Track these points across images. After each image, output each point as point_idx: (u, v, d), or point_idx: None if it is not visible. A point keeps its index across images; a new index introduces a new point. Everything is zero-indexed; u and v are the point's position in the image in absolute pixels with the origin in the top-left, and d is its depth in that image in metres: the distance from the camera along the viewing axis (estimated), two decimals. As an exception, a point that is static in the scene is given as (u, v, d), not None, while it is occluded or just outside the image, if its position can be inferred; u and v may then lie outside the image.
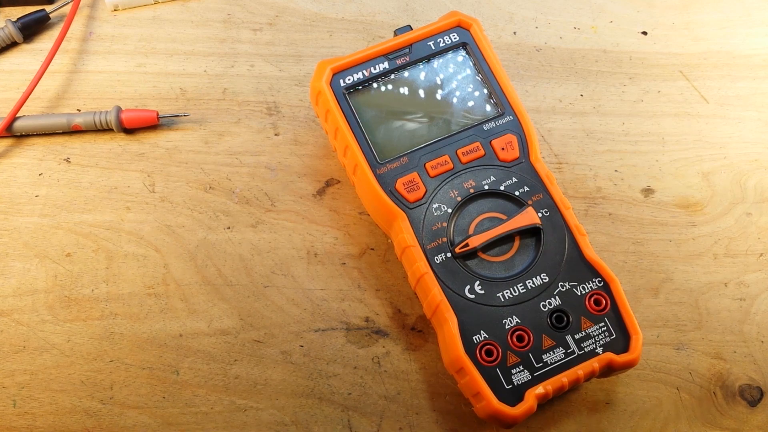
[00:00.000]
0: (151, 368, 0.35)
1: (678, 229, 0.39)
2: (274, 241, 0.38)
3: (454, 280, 0.33)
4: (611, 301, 0.33)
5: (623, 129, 0.42)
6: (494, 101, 0.37)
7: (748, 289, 0.38)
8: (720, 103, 0.43)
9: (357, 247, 0.38)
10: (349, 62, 0.37)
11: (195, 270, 0.37)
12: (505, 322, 0.32)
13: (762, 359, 0.36)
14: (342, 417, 0.34)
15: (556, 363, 0.32)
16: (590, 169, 0.41)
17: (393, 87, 0.37)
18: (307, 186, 0.40)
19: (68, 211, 0.39)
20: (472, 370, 0.31)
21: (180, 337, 0.36)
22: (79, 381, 0.35)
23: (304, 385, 0.35)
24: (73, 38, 0.44)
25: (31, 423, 0.34)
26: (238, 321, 0.36)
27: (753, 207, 0.40)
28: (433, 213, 0.34)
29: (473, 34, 0.38)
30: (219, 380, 0.35)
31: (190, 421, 0.34)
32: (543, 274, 0.33)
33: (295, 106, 0.42)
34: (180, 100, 0.42)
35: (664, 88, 0.43)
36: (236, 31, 0.44)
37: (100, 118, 0.40)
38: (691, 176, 0.41)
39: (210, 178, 0.40)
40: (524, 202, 0.35)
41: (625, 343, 0.32)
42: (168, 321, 0.36)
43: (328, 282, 0.37)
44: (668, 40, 0.45)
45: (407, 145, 0.36)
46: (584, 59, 0.44)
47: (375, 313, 0.37)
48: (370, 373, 0.35)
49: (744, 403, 0.35)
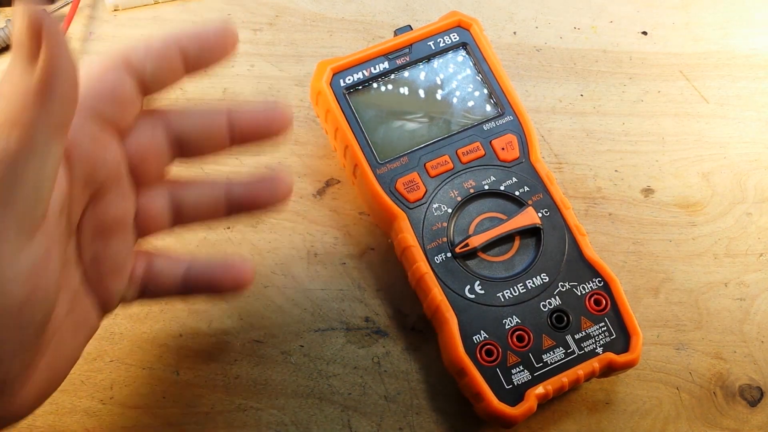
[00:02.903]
0: (151, 368, 0.35)
1: (678, 229, 0.39)
2: (274, 241, 0.38)
3: (454, 280, 0.33)
4: (611, 301, 0.33)
5: (623, 129, 0.42)
6: (494, 101, 0.37)
7: (748, 289, 0.38)
8: (720, 103, 0.43)
9: (357, 247, 0.38)
10: (349, 62, 0.37)
11: (195, 270, 0.37)
12: (505, 322, 0.32)
13: (762, 359, 0.36)
14: (342, 417, 0.34)
15: (556, 363, 0.32)
16: (590, 169, 0.41)
17: (393, 87, 0.37)
18: (307, 186, 0.40)
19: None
20: (472, 370, 0.31)
21: (180, 337, 0.36)
22: (79, 381, 0.35)
23: (304, 385, 0.35)
24: (73, 38, 0.44)
25: (31, 423, 0.34)
26: (238, 321, 0.36)
27: (753, 207, 0.40)
28: (433, 213, 0.34)
29: (473, 34, 0.38)
30: (219, 380, 0.35)
31: (190, 421, 0.34)
32: (543, 274, 0.33)
33: (295, 106, 0.42)
34: (180, 100, 0.42)
35: (664, 88, 0.43)
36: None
37: (100, 118, 0.40)
38: (691, 176, 0.41)
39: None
40: (524, 202, 0.35)
41: (625, 343, 0.32)
42: (168, 321, 0.36)
43: (328, 282, 0.37)
44: (668, 40, 0.45)
45: (407, 145, 0.36)
46: (584, 59, 0.44)
47: (375, 313, 0.37)
48: (370, 373, 0.35)
49: (744, 403, 0.35)
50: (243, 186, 0.30)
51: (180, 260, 0.30)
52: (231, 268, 0.30)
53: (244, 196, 0.30)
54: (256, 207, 0.30)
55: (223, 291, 0.30)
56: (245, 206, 0.30)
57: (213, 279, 0.30)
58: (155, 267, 0.30)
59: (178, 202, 0.29)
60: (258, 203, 0.30)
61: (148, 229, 0.29)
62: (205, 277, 0.30)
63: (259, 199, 0.30)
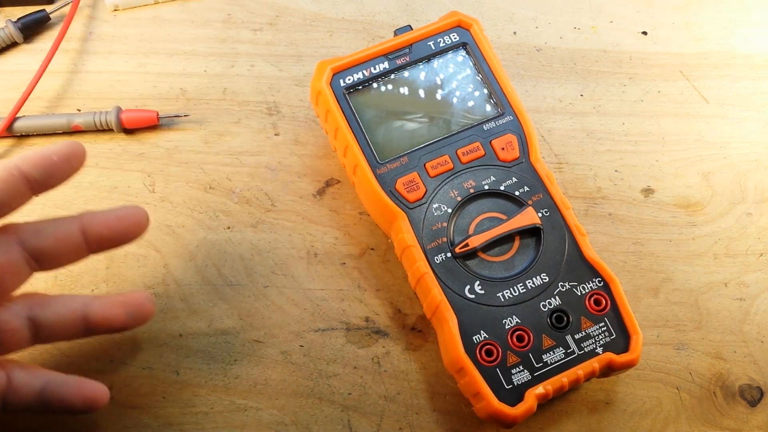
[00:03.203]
0: (151, 368, 0.35)
1: (678, 229, 0.39)
2: (274, 241, 0.38)
3: (454, 280, 0.33)
4: (611, 301, 0.33)
5: (623, 129, 0.42)
6: (494, 101, 0.37)
7: (748, 289, 0.38)
8: (720, 103, 0.43)
9: (357, 247, 0.38)
10: (349, 62, 0.37)
11: (195, 270, 0.37)
12: (505, 322, 0.32)
13: (762, 359, 0.36)
14: (342, 417, 0.34)
15: (556, 363, 0.32)
16: (590, 169, 0.41)
17: (393, 87, 0.37)
18: (307, 186, 0.40)
19: (68, 211, 0.39)
20: (472, 370, 0.31)
21: (180, 337, 0.36)
22: (79, 381, 0.35)
23: (304, 385, 0.35)
24: (73, 38, 0.44)
25: (31, 423, 0.34)
26: (238, 321, 0.36)
27: (753, 207, 0.40)
28: (433, 213, 0.34)
29: (473, 34, 0.38)
30: (219, 380, 0.35)
31: (190, 421, 0.34)
32: (543, 274, 0.33)
33: (295, 106, 0.42)
34: (180, 100, 0.42)
35: (664, 88, 0.43)
36: (236, 31, 0.44)
37: (100, 119, 0.40)
38: (691, 176, 0.41)
39: (210, 178, 0.40)
40: (524, 202, 0.35)
41: (625, 343, 0.32)
42: (168, 321, 0.36)
43: (328, 282, 0.37)
44: (668, 40, 0.45)
45: (407, 145, 0.36)
46: (584, 59, 0.44)
47: (375, 313, 0.37)
48: (370, 373, 0.35)
49: (744, 403, 0.35)
50: (100, 303, 0.30)
51: (38, 375, 0.30)
52: (84, 388, 0.30)
53: (102, 314, 0.30)
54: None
55: (75, 410, 0.30)
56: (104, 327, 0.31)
57: (66, 398, 0.30)
58: (15, 380, 0.29)
59: (37, 319, 0.29)
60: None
61: (7, 346, 0.29)
62: (58, 396, 0.30)
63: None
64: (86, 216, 0.30)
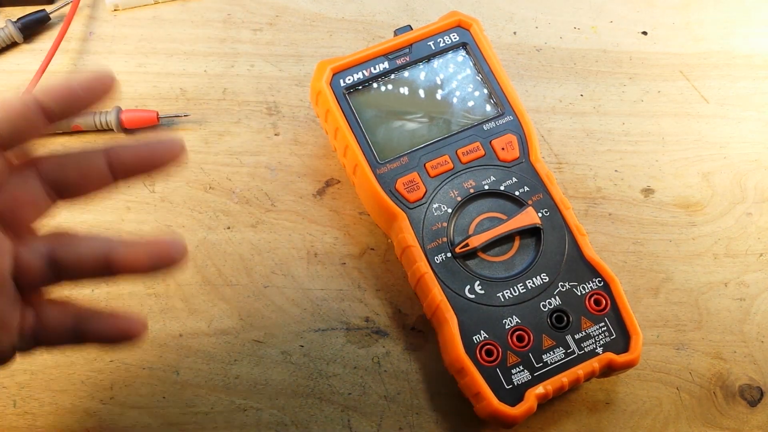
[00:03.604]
0: (151, 368, 0.35)
1: (678, 229, 0.39)
2: (274, 241, 0.38)
3: (454, 280, 0.33)
4: (611, 301, 0.33)
5: (623, 129, 0.42)
6: (494, 101, 0.37)
7: (748, 289, 0.38)
8: (720, 103, 0.43)
9: (357, 247, 0.38)
10: (349, 62, 0.37)
11: (195, 270, 0.37)
12: (505, 322, 0.32)
13: (762, 359, 0.36)
14: (342, 417, 0.34)
15: (556, 363, 0.32)
16: (590, 169, 0.41)
17: (393, 87, 0.37)
18: (307, 186, 0.40)
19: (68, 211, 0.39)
20: (472, 370, 0.31)
21: (180, 337, 0.36)
22: (79, 381, 0.35)
23: (304, 385, 0.35)
24: (73, 38, 0.44)
25: (32, 423, 0.34)
26: (238, 321, 0.36)
27: (753, 207, 0.40)
28: (433, 213, 0.34)
29: (473, 34, 0.38)
30: (219, 380, 0.35)
31: (190, 421, 0.34)
32: (543, 274, 0.33)
33: (295, 106, 0.42)
34: (180, 100, 0.42)
35: (664, 88, 0.43)
36: (236, 31, 0.44)
37: (100, 119, 0.40)
38: (691, 176, 0.41)
39: (210, 178, 0.40)
40: (524, 202, 0.35)
41: (625, 343, 0.32)
42: (168, 321, 0.36)
43: (328, 282, 0.37)
44: (668, 40, 0.45)
45: (407, 145, 0.36)
46: (584, 59, 0.44)
47: (375, 313, 0.37)
48: (370, 373, 0.35)
49: (744, 403, 0.35)
50: (125, 246, 0.29)
51: (69, 310, 0.29)
52: (119, 320, 0.30)
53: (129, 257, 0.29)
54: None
55: (113, 342, 0.30)
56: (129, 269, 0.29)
57: (101, 331, 0.29)
58: (45, 317, 0.29)
59: (59, 258, 0.29)
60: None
61: (29, 282, 0.29)
62: (92, 329, 0.29)
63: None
64: (114, 149, 0.29)
